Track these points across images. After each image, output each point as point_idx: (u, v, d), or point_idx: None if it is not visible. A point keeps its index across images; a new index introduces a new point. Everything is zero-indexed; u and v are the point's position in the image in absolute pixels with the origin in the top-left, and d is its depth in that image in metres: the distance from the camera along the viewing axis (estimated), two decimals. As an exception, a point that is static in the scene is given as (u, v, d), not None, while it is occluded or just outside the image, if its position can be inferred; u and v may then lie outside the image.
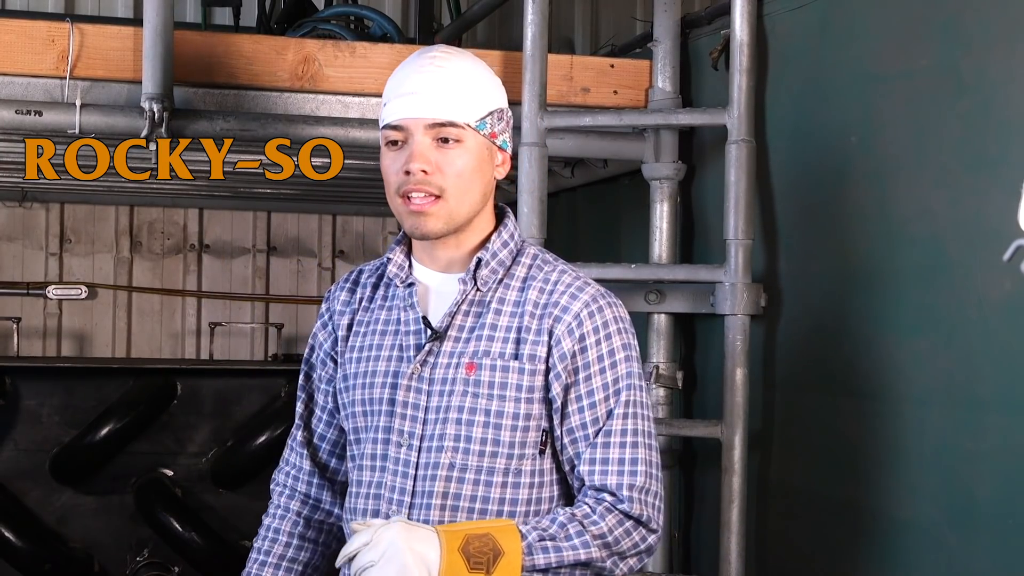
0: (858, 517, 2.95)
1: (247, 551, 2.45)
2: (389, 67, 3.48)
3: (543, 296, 2.11)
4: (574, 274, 2.15)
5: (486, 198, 2.14)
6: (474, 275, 2.12)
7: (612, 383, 2.09)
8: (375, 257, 6.18)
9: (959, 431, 2.62)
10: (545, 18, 3.45)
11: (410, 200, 2.08)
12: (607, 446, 2.07)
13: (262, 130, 3.31)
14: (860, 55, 3.04)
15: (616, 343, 2.11)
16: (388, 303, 2.20)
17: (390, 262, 2.20)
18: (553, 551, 1.98)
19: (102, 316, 5.80)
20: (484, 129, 2.10)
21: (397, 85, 2.11)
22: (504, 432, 2.07)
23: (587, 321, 2.09)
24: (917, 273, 2.78)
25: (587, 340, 2.08)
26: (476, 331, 2.10)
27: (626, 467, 2.06)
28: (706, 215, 3.70)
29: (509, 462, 2.07)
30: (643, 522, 2.05)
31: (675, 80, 3.67)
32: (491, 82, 2.15)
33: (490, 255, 2.13)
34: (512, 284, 2.14)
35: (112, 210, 5.81)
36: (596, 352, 2.09)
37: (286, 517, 2.36)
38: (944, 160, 2.71)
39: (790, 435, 3.29)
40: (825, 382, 3.13)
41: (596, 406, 2.08)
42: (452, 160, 2.07)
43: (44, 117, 3.16)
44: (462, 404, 2.08)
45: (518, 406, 2.08)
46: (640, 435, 2.09)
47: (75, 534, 5.01)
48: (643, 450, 2.08)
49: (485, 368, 2.08)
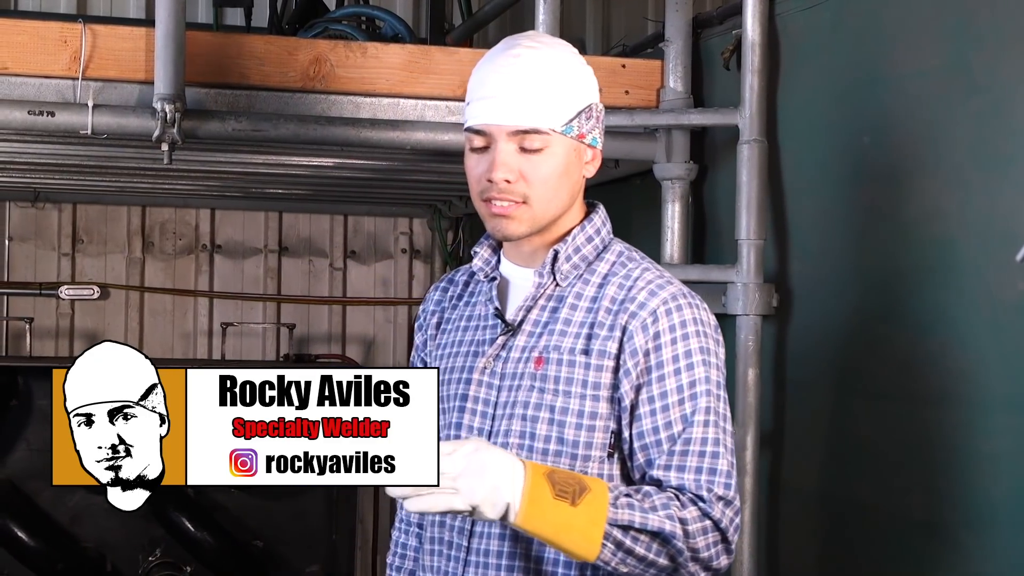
0: (871, 518, 2.94)
1: (259, 551, 2.43)
2: (400, 67, 3.51)
3: (621, 292, 2.01)
4: (657, 272, 2.05)
5: (574, 198, 2.07)
6: (551, 268, 2.05)
7: (688, 386, 1.96)
8: (386, 258, 6.23)
9: (973, 431, 2.61)
10: (556, 18, 3.45)
11: (492, 204, 2.01)
12: (685, 455, 1.94)
13: (274, 130, 3.31)
14: (872, 55, 3.03)
15: (693, 345, 1.98)
16: (473, 299, 2.16)
17: (476, 256, 2.14)
18: (639, 511, 1.85)
19: (114, 316, 5.82)
20: (571, 132, 2.01)
21: (478, 85, 2.03)
22: (568, 430, 1.98)
23: (663, 319, 1.97)
24: (929, 273, 2.77)
25: (662, 339, 1.97)
26: (549, 325, 2.03)
27: (704, 476, 1.93)
28: (718, 215, 3.69)
29: (574, 463, 1.97)
30: (721, 530, 1.91)
31: (687, 80, 3.66)
32: (579, 76, 2.05)
33: (571, 249, 2.06)
34: (592, 280, 2.05)
35: (124, 210, 5.83)
36: (671, 352, 1.96)
37: (410, 531, 2.27)
38: (957, 160, 2.71)
39: (802, 435, 3.29)
40: (837, 382, 3.12)
41: (669, 409, 1.96)
42: (537, 167, 1.99)
43: (56, 118, 3.17)
44: (528, 400, 2.00)
45: (583, 403, 1.98)
46: (721, 446, 1.95)
47: (87, 534, 5.02)
48: (724, 462, 1.95)
49: (553, 363, 2.00)
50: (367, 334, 6.10)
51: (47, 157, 4.11)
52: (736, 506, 1.94)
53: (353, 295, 6.07)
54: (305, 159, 4.17)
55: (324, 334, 6.03)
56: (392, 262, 6.12)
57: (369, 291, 6.09)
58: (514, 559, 1.99)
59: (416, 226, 6.13)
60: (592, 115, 2.05)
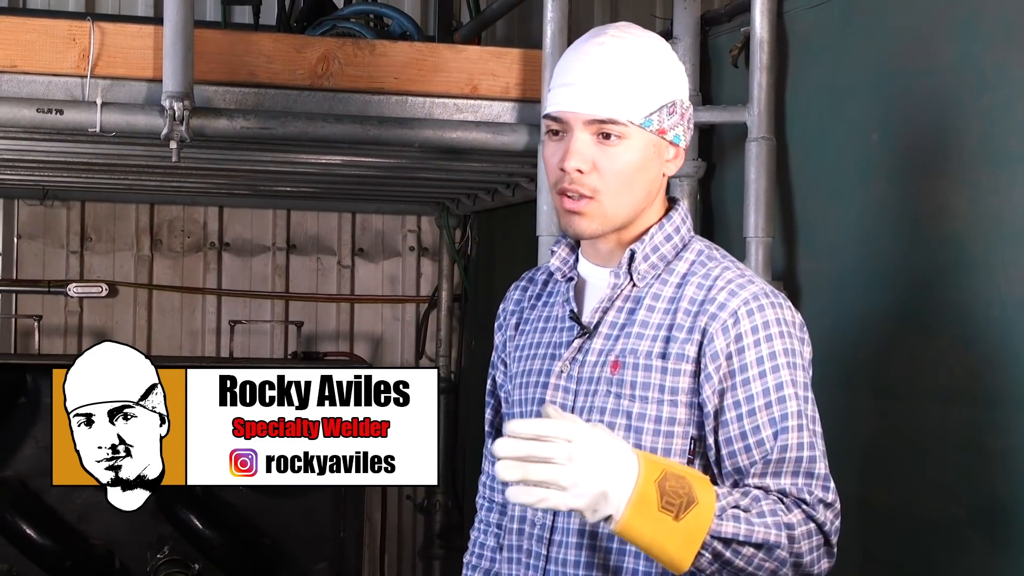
0: (880, 516, 2.94)
1: (267, 548, 2.44)
2: (408, 65, 3.51)
3: (701, 292, 1.93)
4: (739, 271, 1.97)
5: (651, 196, 1.99)
6: (628, 268, 1.99)
7: (775, 389, 1.88)
8: (394, 256, 6.24)
9: (982, 429, 2.61)
10: (564, 16, 3.44)
11: (566, 199, 1.95)
12: (782, 462, 1.86)
13: (282, 128, 3.31)
14: (881, 52, 3.02)
15: (777, 346, 1.90)
16: (551, 299, 2.10)
17: (554, 255, 2.08)
18: (744, 522, 1.77)
19: (123, 314, 5.82)
20: (650, 126, 1.94)
21: (562, 71, 1.98)
22: (646, 436, 1.91)
23: (745, 320, 1.90)
24: (938, 271, 2.77)
25: (744, 340, 1.89)
26: (626, 328, 1.96)
27: (801, 480, 1.86)
28: (725, 213, 3.69)
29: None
30: (824, 533, 1.85)
31: (695, 77, 3.66)
32: (665, 70, 1.97)
33: (649, 248, 1.99)
34: (670, 280, 1.98)
35: (132, 208, 5.83)
36: (755, 354, 1.88)
37: (488, 531, 2.24)
38: (966, 157, 2.70)
39: (810, 433, 3.28)
40: (846, 380, 3.12)
41: (756, 414, 1.87)
42: (613, 158, 1.92)
43: (65, 116, 3.17)
44: (604, 405, 1.94)
45: (661, 408, 1.91)
46: (817, 450, 1.88)
47: (96, 532, 5.03)
48: (821, 466, 1.88)
49: (629, 367, 1.93)
50: (375, 332, 6.10)
51: (56, 155, 4.12)
52: (836, 509, 1.88)
53: (361, 293, 6.08)
54: (313, 157, 4.18)
55: (332, 332, 6.03)
56: (400, 260, 6.12)
57: (377, 289, 6.09)
58: (591, 569, 1.94)
59: (424, 224, 6.13)
60: (676, 111, 1.98)
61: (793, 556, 1.81)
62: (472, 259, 5.93)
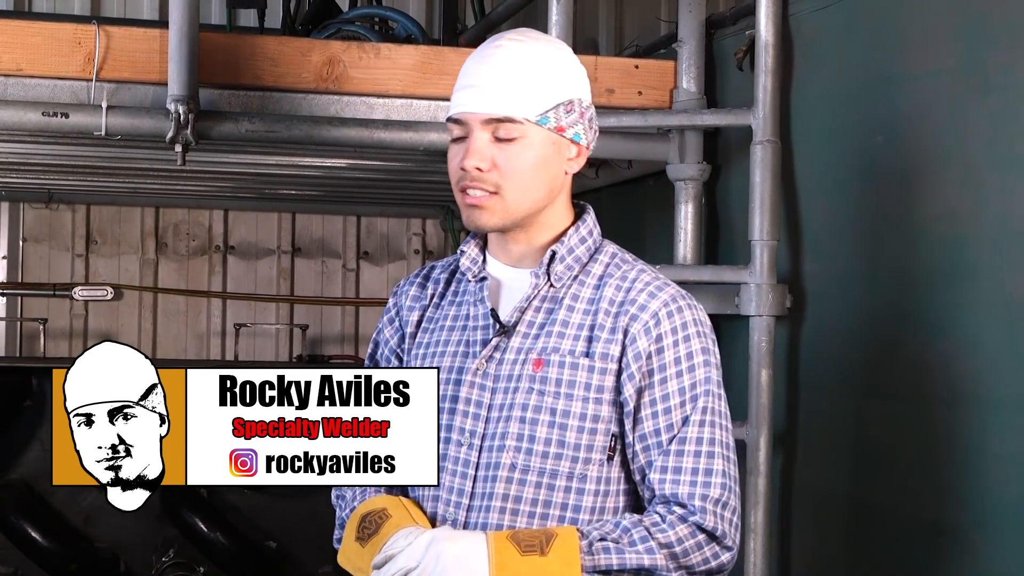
0: (884, 519, 2.93)
1: (271, 551, 2.44)
2: (413, 68, 3.51)
3: (620, 293, 2.00)
4: (653, 274, 2.04)
5: (554, 193, 2.04)
6: (547, 269, 2.03)
7: (689, 388, 1.96)
8: (399, 259, 6.23)
9: (986, 433, 2.60)
10: (569, 19, 3.44)
11: (467, 194, 2.00)
12: (681, 454, 1.94)
13: (287, 131, 3.31)
14: (886, 55, 3.02)
15: (695, 346, 1.98)
16: (458, 298, 2.12)
17: (463, 255, 2.11)
18: (615, 552, 1.87)
19: (128, 317, 5.83)
20: (547, 124, 1.99)
21: (462, 75, 2.04)
22: (570, 433, 1.96)
23: (665, 321, 1.97)
24: (943, 274, 2.76)
25: (664, 341, 1.97)
26: (547, 327, 2.00)
27: (700, 477, 1.93)
28: (731, 216, 3.69)
29: (574, 465, 1.96)
30: (716, 537, 1.91)
31: (700, 81, 3.66)
32: (561, 71, 2.03)
33: (565, 250, 2.04)
34: (587, 281, 2.03)
35: (138, 211, 5.84)
36: (673, 354, 1.97)
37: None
38: (970, 160, 2.70)
39: (815, 437, 3.28)
40: (851, 383, 3.11)
41: (671, 412, 1.96)
42: (511, 156, 1.98)
43: (71, 119, 3.17)
44: (527, 402, 1.97)
45: (586, 406, 1.96)
46: (718, 445, 1.95)
47: (101, 534, 5.04)
48: (720, 461, 1.94)
49: (553, 365, 1.97)
50: (380, 335, 6.10)
51: (61, 158, 4.12)
52: (733, 505, 1.94)
53: (366, 296, 6.08)
54: (318, 160, 4.18)
55: (337, 335, 6.03)
56: (405, 263, 6.13)
57: (382, 292, 6.09)
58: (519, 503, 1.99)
59: (429, 227, 6.13)
60: (575, 110, 2.03)
61: (682, 568, 1.91)
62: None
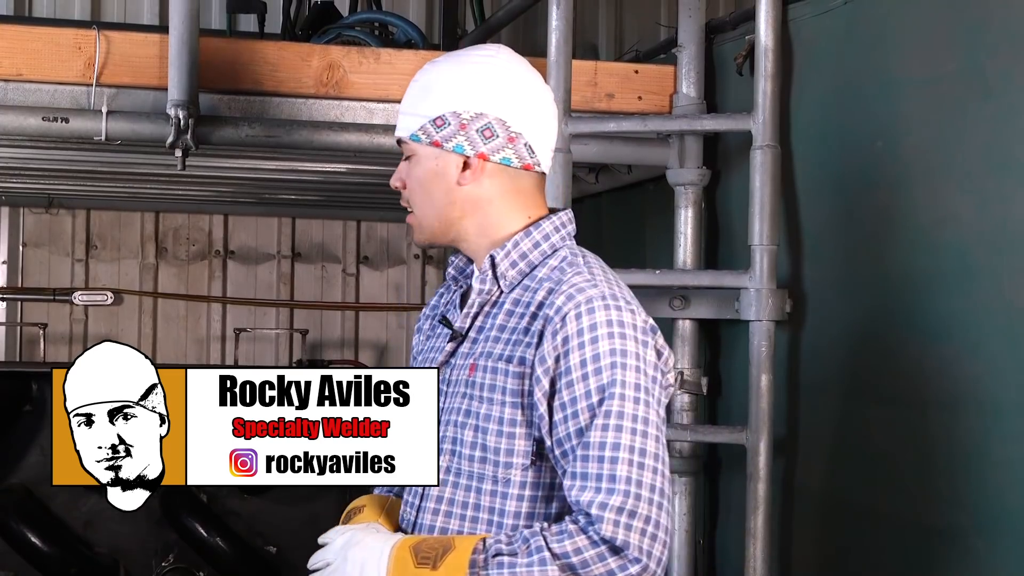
0: (884, 523, 2.93)
1: (272, 556, 2.47)
2: (413, 73, 3.49)
3: (547, 296, 1.96)
4: (590, 277, 1.98)
5: (462, 207, 2.05)
6: (493, 275, 2.04)
7: (596, 391, 1.89)
8: (399, 263, 6.23)
9: (987, 437, 2.60)
10: (569, 24, 3.45)
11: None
12: (586, 460, 1.86)
13: (287, 136, 3.31)
14: (886, 60, 3.02)
15: (603, 347, 1.90)
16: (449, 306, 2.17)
17: (451, 265, 2.17)
18: (507, 566, 1.84)
19: (128, 322, 5.83)
20: (420, 140, 2.04)
21: None
22: (490, 437, 1.95)
23: (572, 323, 1.91)
24: (943, 278, 2.76)
25: (570, 343, 1.90)
26: (485, 332, 2.02)
27: (603, 484, 1.84)
28: (731, 220, 3.69)
29: (496, 469, 1.95)
30: (618, 548, 1.81)
31: (700, 85, 3.66)
32: (443, 85, 2.05)
33: (516, 255, 2.04)
34: (531, 285, 2.01)
35: (138, 216, 5.84)
36: (579, 356, 1.90)
37: None
38: (970, 165, 2.70)
39: (816, 441, 3.28)
40: (851, 388, 3.11)
41: (579, 415, 1.89)
42: (408, 174, 2.07)
43: (71, 124, 3.17)
44: (460, 406, 2.00)
45: (503, 410, 1.95)
46: (625, 450, 1.86)
47: (101, 539, 5.03)
48: (625, 467, 1.85)
49: (481, 370, 1.98)
50: (380, 339, 6.10)
51: (61, 163, 4.12)
52: (645, 515, 1.83)
53: (366, 301, 6.08)
54: (318, 165, 4.18)
55: (337, 340, 6.03)
56: (405, 268, 6.13)
57: (382, 296, 6.09)
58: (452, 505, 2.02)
59: (429, 232, 6.13)
60: (448, 123, 2.03)
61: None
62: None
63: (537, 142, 2.07)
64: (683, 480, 3.71)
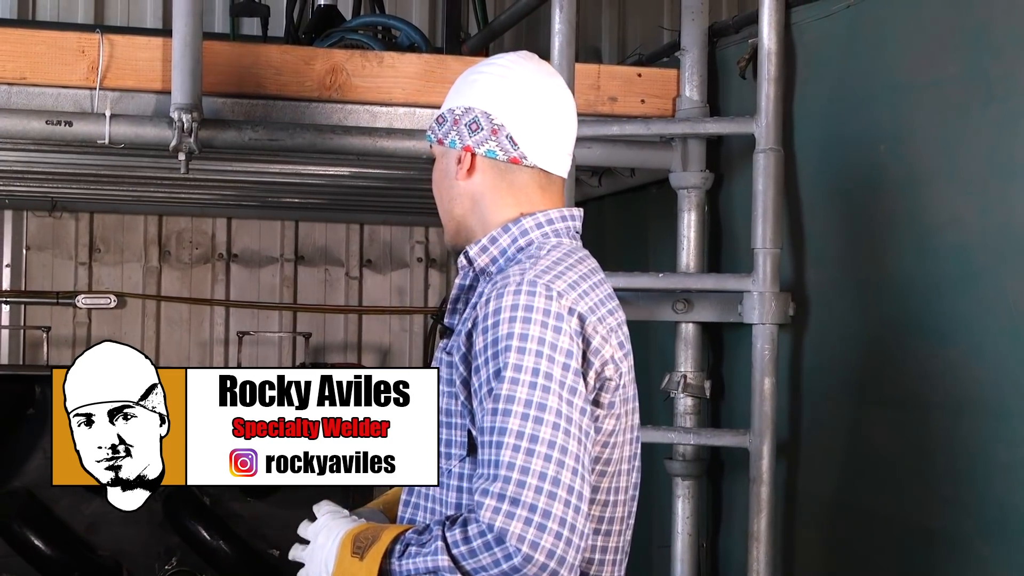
0: (888, 527, 2.93)
1: (274, 559, 2.49)
2: (416, 77, 3.51)
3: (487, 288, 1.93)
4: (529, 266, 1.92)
5: (461, 203, 2.07)
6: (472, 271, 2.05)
7: (494, 376, 1.83)
8: (402, 267, 6.23)
9: (990, 440, 2.60)
10: (572, 27, 3.45)
11: None
12: (483, 445, 1.82)
13: (290, 140, 3.32)
14: (889, 63, 3.02)
15: (502, 331, 1.84)
16: None
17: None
18: (415, 556, 1.84)
19: (131, 325, 5.83)
20: (431, 140, 2.12)
21: None
22: (442, 428, 1.95)
23: (482, 308, 1.88)
24: (947, 281, 2.76)
25: (477, 327, 1.88)
26: (456, 327, 2.02)
27: (489, 470, 1.79)
28: (734, 224, 3.69)
29: (448, 462, 1.94)
30: (498, 537, 1.76)
31: (703, 89, 3.66)
32: (453, 88, 2.11)
33: (478, 248, 2.03)
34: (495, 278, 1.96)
35: (141, 219, 5.84)
36: (482, 341, 1.86)
37: None
38: (974, 168, 2.70)
39: (818, 444, 3.27)
40: (854, 391, 3.11)
41: (483, 401, 1.85)
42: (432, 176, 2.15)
43: (74, 127, 3.18)
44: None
45: (449, 401, 1.94)
46: (511, 436, 1.78)
47: (104, 542, 5.03)
48: (509, 452, 1.77)
49: (440, 363, 2.00)
50: (383, 343, 6.10)
51: (64, 167, 4.12)
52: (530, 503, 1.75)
53: (369, 304, 6.08)
54: (321, 168, 4.18)
55: (340, 343, 6.03)
56: (408, 271, 6.12)
57: (385, 300, 6.09)
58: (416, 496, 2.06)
59: (432, 235, 6.13)
60: (446, 120, 2.09)
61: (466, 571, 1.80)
62: (480, 271, 5.93)
63: (522, 135, 2.03)
64: (686, 483, 3.71)
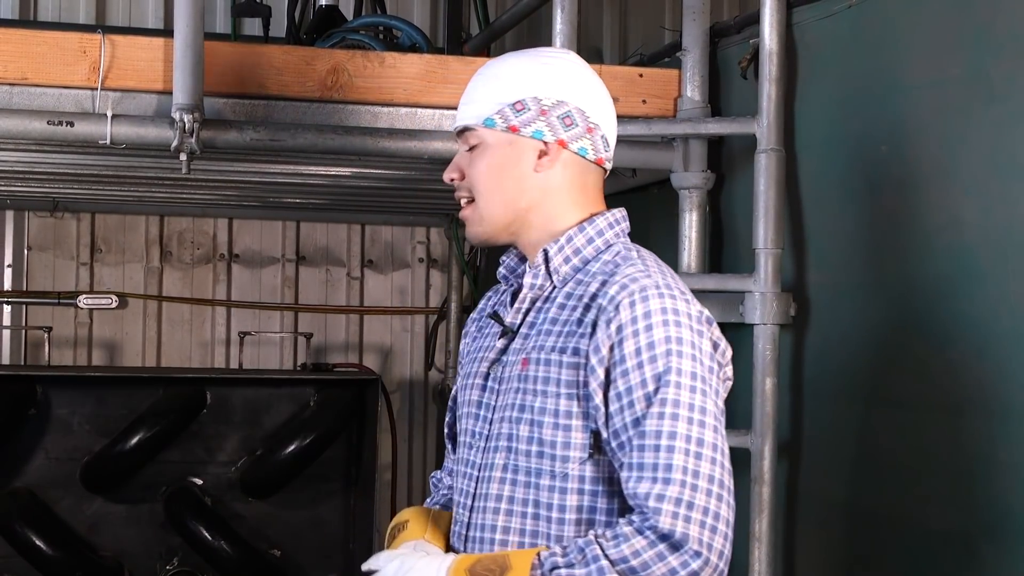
0: (890, 528, 2.93)
1: (276, 559, 2.47)
2: (418, 77, 3.51)
3: (601, 287, 1.94)
4: (644, 268, 1.97)
5: (531, 196, 2.05)
6: (547, 269, 2.03)
7: (652, 379, 1.85)
8: (403, 267, 6.24)
9: (992, 441, 2.60)
10: (574, 28, 3.45)
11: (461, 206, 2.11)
12: (642, 449, 1.83)
13: (292, 140, 3.32)
14: (890, 64, 3.02)
15: (658, 335, 1.86)
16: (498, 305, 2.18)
17: (501, 265, 2.16)
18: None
19: (132, 325, 5.83)
20: (495, 125, 2.03)
21: None
22: (546, 430, 1.92)
23: (626, 311, 1.88)
24: (948, 282, 2.76)
25: (624, 332, 1.87)
26: (537, 327, 2.00)
27: (659, 474, 1.80)
28: (735, 224, 3.69)
29: (554, 464, 1.92)
30: (677, 542, 1.77)
31: (704, 89, 3.66)
32: (519, 74, 2.05)
33: (570, 250, 2.03)
34: (584, 280, 1.99)
35: (142, 220, 5.84)
36: (633, 345, 1.87)
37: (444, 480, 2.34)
38: (976, 169, 2.70)
39: (820, 445, 3.27)
40: (856, 391, 3.11)
41: (634, 405, 1.85)
42: (473, 163, 2.05)
43: (75, 128, 3.18)
44: (514, 401, 1.98)
45: (558, 402, 1.92)
46: (681, 440, 1.81)
47: (105, 542, 5.03)
48: (682, 456, 1.80)
49: (534, 363, 1.96)
50: (384, 343, 6.10)
51: (66, 167, 4.12)
52: (703, 506, 1.79)
53: (370, 304, 6.08)
54: (323, 168, 4.18)
55: (341, 343, 6.03)
56: (409, 271, 6.12)
57: (386, 300, 6.09)
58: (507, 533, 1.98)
59: (433, 235, 6.13)
60: (528, 108, 2.03)
61: None
62: (481, 270, 5.93)
63: (611, 137, 2.12)
64: (688, 484, 3.70)
